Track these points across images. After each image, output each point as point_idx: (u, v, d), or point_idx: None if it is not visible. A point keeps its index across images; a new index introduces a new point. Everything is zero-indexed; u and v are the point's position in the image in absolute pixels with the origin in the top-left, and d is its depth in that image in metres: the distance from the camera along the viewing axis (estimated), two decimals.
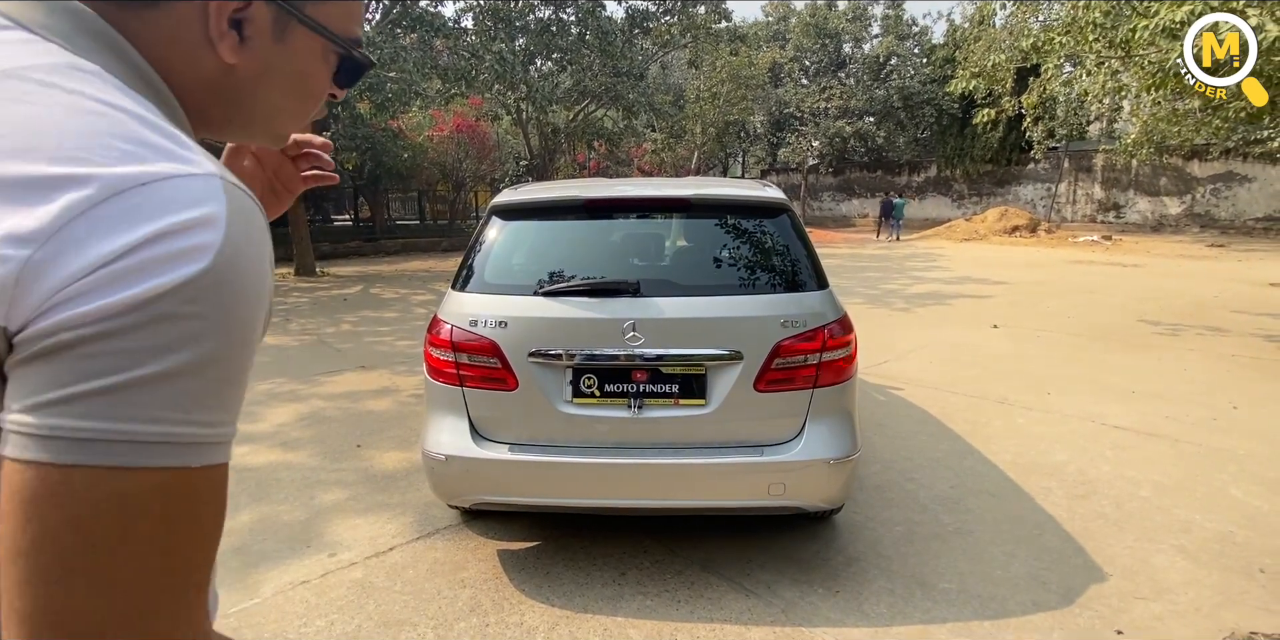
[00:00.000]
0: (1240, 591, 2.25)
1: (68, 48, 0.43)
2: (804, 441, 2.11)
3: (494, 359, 2.13)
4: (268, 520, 2.82)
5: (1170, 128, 7.51)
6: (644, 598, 2.23)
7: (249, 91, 0.53)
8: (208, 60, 0.49)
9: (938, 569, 2.39)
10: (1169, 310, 7.59)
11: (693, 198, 2.31)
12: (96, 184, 0.37)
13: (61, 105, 0.39)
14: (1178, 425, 3.86)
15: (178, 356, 0.37)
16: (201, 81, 0.50)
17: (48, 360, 0.35)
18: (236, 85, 0.52)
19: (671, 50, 17.56)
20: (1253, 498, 2.94)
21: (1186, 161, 18.79)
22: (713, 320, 2.11)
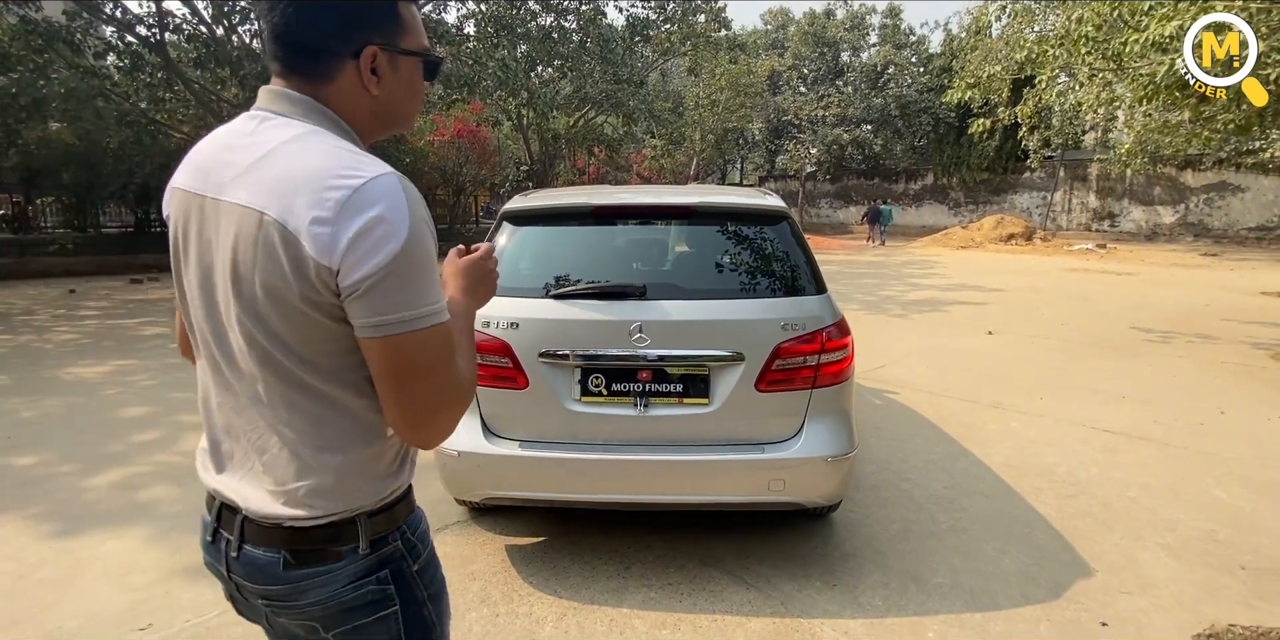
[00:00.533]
0: (1221, 587, 2.34)
1: (305, 120, 0.83)
2: (803, 440, 2.20)
3: (505, 359, 2.22)
4: None
5: (1162, 138, 7.64)
6: (648, 590, 2.31)
7: (388, 105, 0.89)
8: (364, 98, 0.87)
9: (931, 564, 2.47)
10: (1161, 318, 7.71)
11: (697, 205, 2.41)
12: (345, 189, 0.74)
13: (319, 151, 0.79)
14: (1166, 429, 3.96)
15: (409, 278, 0.76)
16: (364, 112, 0.88)
17: (365, 296, 0.75)
18: (382, 105, 0.88)
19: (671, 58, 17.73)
20: (1237, 499, 3.04)
21: (1180, 171, 19.00)
22: (716, 323, 2.20)
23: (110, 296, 10.30)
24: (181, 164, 0.91)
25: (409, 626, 0.93)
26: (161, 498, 3.08)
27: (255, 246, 0.76)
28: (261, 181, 0.77)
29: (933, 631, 2.09)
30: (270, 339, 0.80)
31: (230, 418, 0.88)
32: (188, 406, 4.46)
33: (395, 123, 0.93)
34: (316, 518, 0.85)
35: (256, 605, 0.92)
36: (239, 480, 0.88)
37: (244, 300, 0.79)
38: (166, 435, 3.92)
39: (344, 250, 0.73)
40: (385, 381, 0.79)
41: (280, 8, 0.80)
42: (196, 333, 0.91)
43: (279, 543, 0.86)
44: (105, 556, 2.56)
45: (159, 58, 10.57)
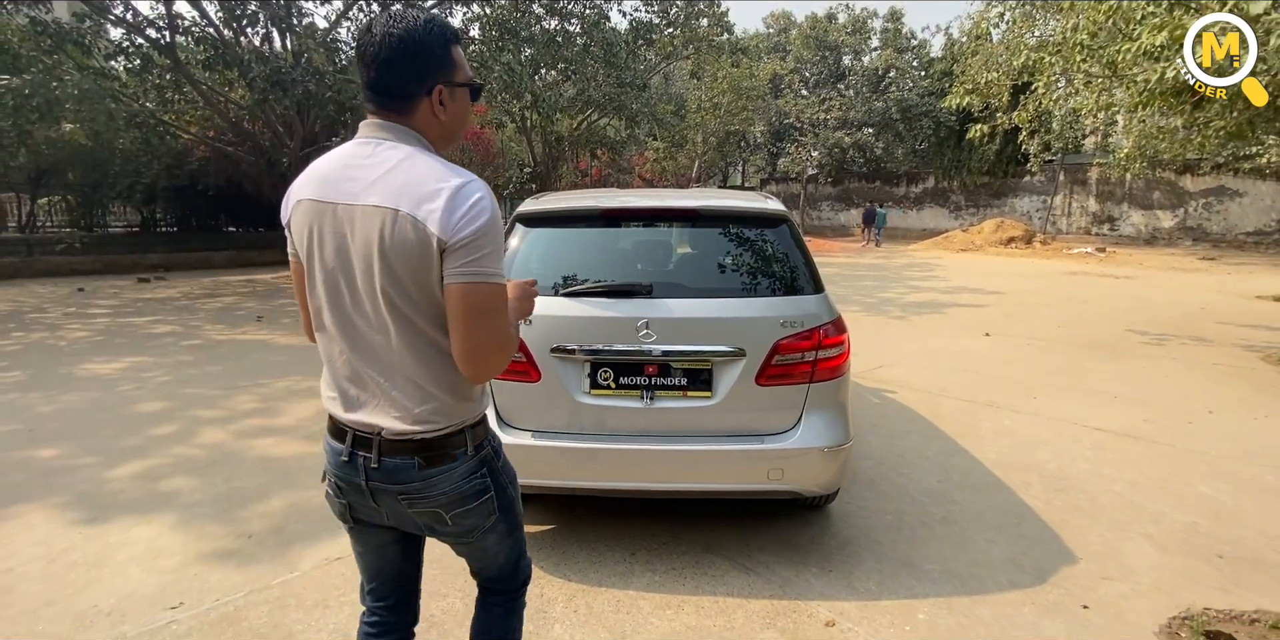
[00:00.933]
0: (1200, 574, 2.45)
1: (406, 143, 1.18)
2: (801, 431, 2.32)
3: (519, 353, 2.33)
4: (299, 505, 3.02)
5: (1158, 143, 7.76)
6: (652, 574, 2.43)
7: (451, 125, 1.25)
8: (435, 123, 1.22)
9: (923, 552, 2.59)
10: (1156, 321, 7.82)
11: (701, 208, 2.53)
12: (449, 188, 1.11)
13: (425, 164, 1.15)
14: (1155, 428, 4.07)
15: (489, 246, 1.11)
16: (435, 132, 1.23)
17: (459, 251, 1.09)
18: (447, 126, 1.24)
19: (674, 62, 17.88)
20: (1220, 494, 3.15)
21: (1179, 176, 19.11)
22: (718, 320, 2.31)
23: (119, 295, 10.42)
24: (302, 181, 1.24)
25: (501, 505, 1.35)
26: (183, 488, 3.20)
27: (392, 233, 1.11)
28: (389, 188, 1.13)
29: (923, 613, 2.20)
30: (403, 299, 1.14)
31: (359, 369, 1.23)
32: (203, 402, 4.58)
33: (455, 137, 1.30)
34: (438, 430, 1.23)
35: (387, 503, 1.28)
36: (370, 415, 1.23)
37: (386, 273, 1.13)
38: (184, 429, 4.04)
39: (453, 224, 1.09)
40: (456, 320, 1.13)
41: (374, 70, 1.16)
42: (326, 310, 1.23)
43: (412, 451, 1.23)
44: (133, 542, 2.68)
45: (168, 59, 10.73)
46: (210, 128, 14.06)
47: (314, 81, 9.59)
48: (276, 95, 9.86)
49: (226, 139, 13.76)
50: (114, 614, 2.21)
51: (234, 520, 2.87)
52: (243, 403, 4.59)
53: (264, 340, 6.86)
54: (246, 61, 9.57)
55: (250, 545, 2.65)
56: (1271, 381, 5.17)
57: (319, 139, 12.77)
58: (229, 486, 3.22)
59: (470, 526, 1.32)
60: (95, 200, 16.52)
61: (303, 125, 12.25)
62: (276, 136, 12.19)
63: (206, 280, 12.57)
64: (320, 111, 11.08)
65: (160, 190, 16.02)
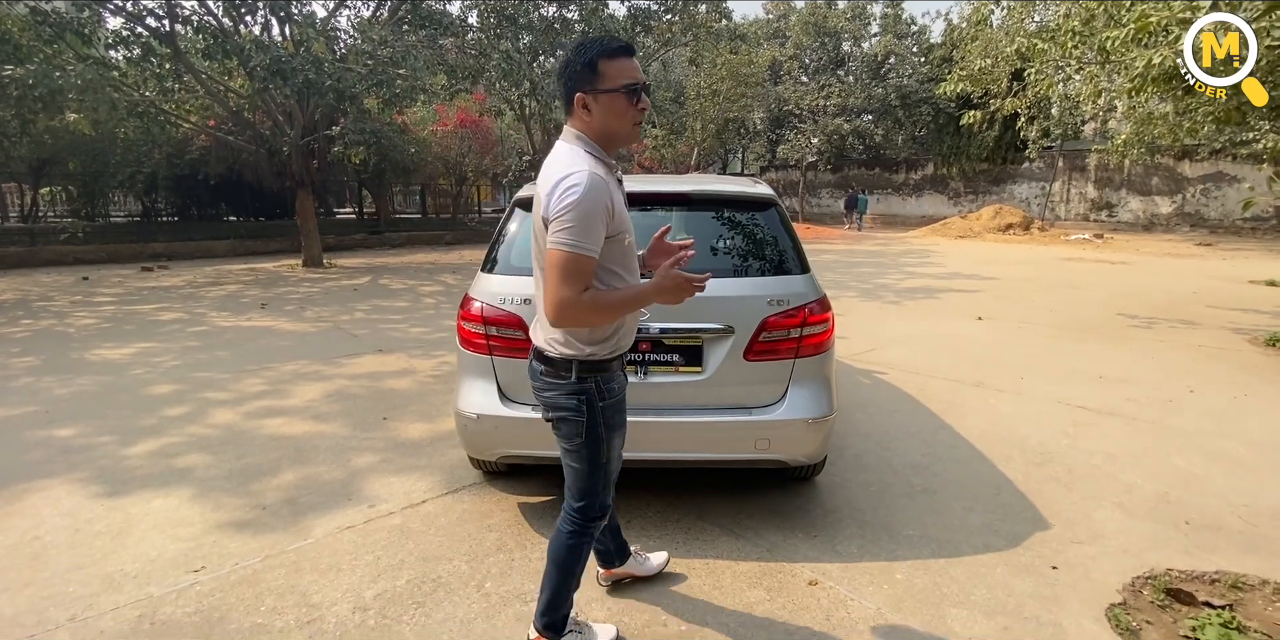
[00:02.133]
0: (1166, 538, 2.59)
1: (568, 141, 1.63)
2: (786, 404, 2.45)
3: (520, 331, 2.46)
4: (310, 479, 3.16)
5: (1154, 129, 7.82)
6: (647, 539, 2.57)
7: (601, 127, 1.60)
8: (586, 125, 1.61)
9: (904, 520, 2.73)
10: (1147, 305, 7.94)
11: (693, 193, 2.64)
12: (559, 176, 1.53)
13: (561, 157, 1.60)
14: (1136, 406, 4.21)
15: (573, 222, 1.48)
16: (592, 133, 1.61)
17: (552, 223, 1.51)
18: (596, 128, 1.60)
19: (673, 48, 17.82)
20: (1193, 466, 3.29)
21: (1177, 162, 19.11)
22: (709, 299, 2.42)
23: (123, 284, 10.54)
24: None
25: (588, 435, 1.75)
26: (198, 464, 3.34)
27: (537, 209, 1.58)
28: (542, 174, 1.61)
29: (900, 573, 2.34)
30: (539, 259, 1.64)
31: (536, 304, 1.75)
32: (213, 385, 4.71)
33: (615, 137, 1.64)
34: (555, 353, 1.71)
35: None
36: (533, 332, 1.80)
37: (537, 240, 1.63)
38: (195, 410, 4.18)
39: (551, 204, 1.51)
40: (545, 275, 1.55)
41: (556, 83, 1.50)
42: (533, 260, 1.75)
43: (540, 360, 1.76)
44: (154, 512, 2.82)
45: (168, 48, 10.74)
46: (210, 117, 14.08)
47: (314, 70, 9.62)
48: (277, 84, 9.90)
49: (227, 128, 13.79)
50: (140, 577, 2.35)
51: (248, 493, 3.01)
52: (251, 385, 4.72)
53: (269, 326, 6.98)
54: (246, 50, 9.59)
55: (265, 515, 2.80)
56: (1254, 362, 5.30)
57: (319, 128, 12.82)
58: (242, 463, 3.35)
59: (564, 434, 1.77)
60: (97, 190, 16.60)
61: (303, 114, 12.28)
62: (277, 125, 12.23)
63: (209, 269, 12.68)
64: (320, 100, 11.11)
65: (161, 180, 16.09)
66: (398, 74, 10.08)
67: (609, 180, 1.56)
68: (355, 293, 9.53)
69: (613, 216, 1.55)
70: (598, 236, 1.51)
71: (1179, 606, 2.17)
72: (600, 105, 1.56)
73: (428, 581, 2.30)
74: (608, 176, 1.56)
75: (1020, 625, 2.07)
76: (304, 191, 12.78)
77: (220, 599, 2.21)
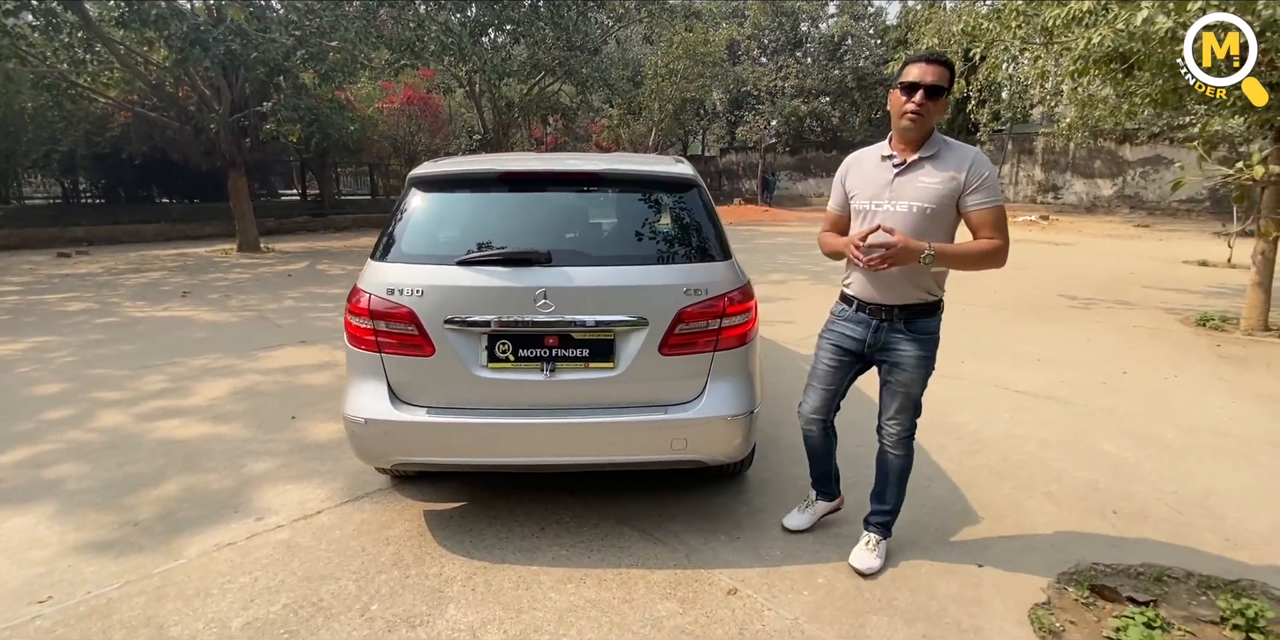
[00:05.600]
0: (1093, 530, 2.53)
1: None
2: (704, 400, 2.27)
3: (411, 326, 2.22)
4: (195, 489, 2.87)
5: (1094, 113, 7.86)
6: (559, 548, 2.39)
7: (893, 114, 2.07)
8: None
9: (833, 517, 2.61)
10: (1087, 285, 8.07)
11: (604, 172, 2.41)
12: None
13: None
14: (1071, 389, 4.20)
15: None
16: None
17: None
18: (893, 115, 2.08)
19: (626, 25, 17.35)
20: (1122, 451, 3.26)
21: (1119, 145, 19.63)
22: (620, 289, 2.23)
23: (34, 271, 9.79)
24: None
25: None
26: (70, 475, 3.01)
27: None
28: None
29: (822, 577, 2.22)
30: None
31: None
32: (107, 384, 4.33)
33: (896, 123, 2.05)
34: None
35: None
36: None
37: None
38: (81, 412, 3.80)
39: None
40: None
41: None
42: None
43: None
44: (5, 534, 2.51)
45: (77, 16, 9.87)
46: (132, 92, 13.11)
47: (237, 41, 8.95)
48: (196, 55, 9.19)
49: (152, 104, 12.85)
50: None
51: (121, 507, 2.71)
52: (151, 383, 4.35)
53: (187, 316, 6.52)
54: (158, 18, 8.86)
55: (135, 533, 2.51)
56: (1185, 342, 5.39)
57: (250, 103, 12.04)
58: (121, 472, 3.04)
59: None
60: (9, 170, 15.39)
61: (231, 89, 11.51)
62: (203, 101, 11.44)
63: (133, 254, 11.90)
64: (249, 74, 10.41)
65: (80, 159, 14.99)
66: (330, 46, 9.47)
67: (861, 158, 2.18)
68: (289, 279, 9.03)
69: (843, 184, 2.21)
70: (835, 198, 2.24)
71: (1103, 604, 2.10)
72: (892, 96, 2.04)
73: (307, 605, 2.07)
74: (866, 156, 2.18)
75: (941, 632, 1.96)
76: (236, 172, 12.04)
77: (62, 635, 1.94)
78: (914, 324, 2.15)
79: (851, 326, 2.21)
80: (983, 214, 2.00)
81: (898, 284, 2.10)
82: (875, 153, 2.13)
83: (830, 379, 2.29)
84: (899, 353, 2.16)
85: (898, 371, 2.18)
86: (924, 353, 2.16)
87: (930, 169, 2.02)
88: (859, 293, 2.18)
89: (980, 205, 1.99)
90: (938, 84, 1.94)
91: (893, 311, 2.14)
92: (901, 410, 2.23)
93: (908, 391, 2.19)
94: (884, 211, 2.05)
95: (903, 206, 2.03)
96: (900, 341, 2.15)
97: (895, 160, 2.07)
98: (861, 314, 2.18)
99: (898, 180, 2.05)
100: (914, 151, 2.05)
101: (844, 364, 2.27)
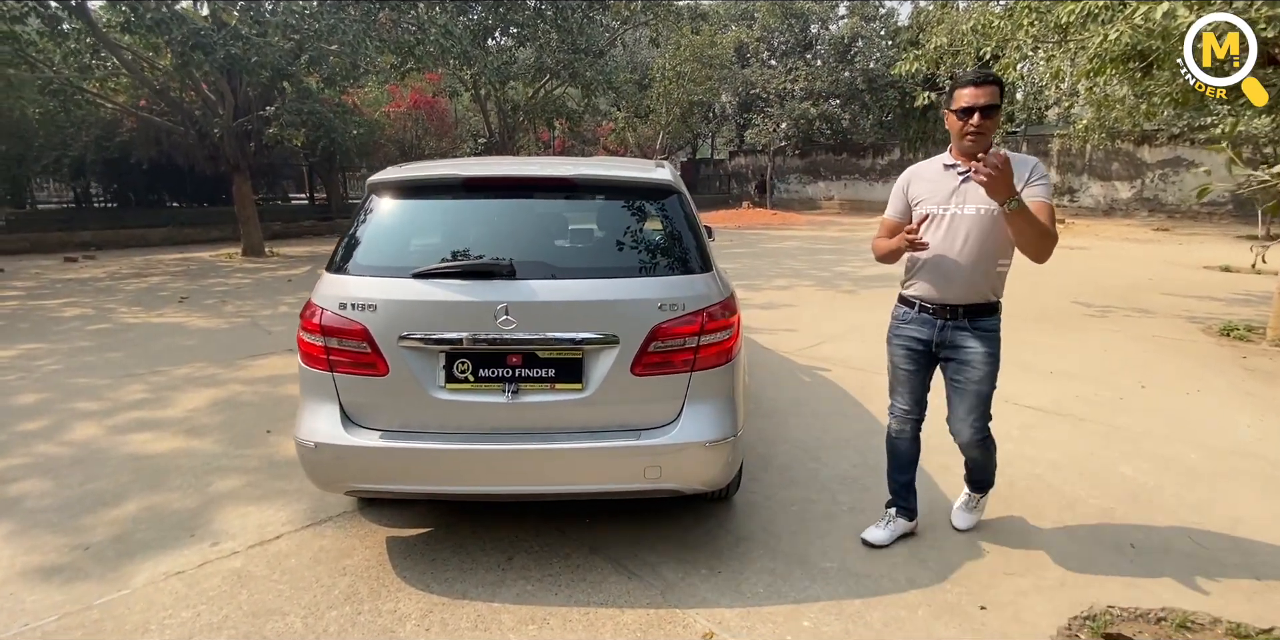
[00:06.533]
0: (1108, 566, 2.32)
1: None
2: (680, 425, 2.10)
3: (364, 343, 2.07)
4: (155, 509, 2.74)
5: (1110, 113, 7.60)
6: (525, 582, 2.22)
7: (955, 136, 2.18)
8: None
9: (823, 548, 2.42)
10: (1103, 292, 7.79)
11: (576, 178, 2.25)
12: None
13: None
14: (1085, 404, 3.97)
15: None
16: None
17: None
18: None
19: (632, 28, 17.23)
20: (1141, 474, 3.04)
21: (1137, 147, 19.19)
22: (589, 304, 2.06)
23: (40, 276, 9.81)
24: None
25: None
26: (31, 492, 2.89)
27: None
28: None
29: (808, 620, 2.03)
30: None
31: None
32: (87, 393, 4.23)
33: (957, 142, 2.15)
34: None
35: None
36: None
37: None
38: (55, 424, 3.70)
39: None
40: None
41: None
42: None
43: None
44: None
45: (83, 22, 9.90)
46: (140, 97, 13.16)
47: (237, 45, 8.92)
48: (198, 59, 9.17)
49: (159, 109, 12.89)
50: None
51: (76, 529, 2.58)
52: (131, 393, 4.24)
53: (179, 323, 6.44)
54: (158, 22, 8.84)
55: (84, 558, 2.38)
56: (1207, 353, 5.13)
57: (253, 108, 12.03)
58: (84, 489, 2.92)
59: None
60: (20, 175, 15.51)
61: (234, 94, 11.51)
62: (207, 105, 11.44)
63: (138, 258, 11.93)
64: (252, 78, 10.38)
65: (90, 164, 15.06)
66: (329, 50, 9.41)
67: (922, 169, 2.27)
68: (289, 284, 8.97)
69: (905, 193, 2.28)
70: (895, 206, 2.30)
71: None
72: (949, 118, 2.13)
73: None
74: (928, 167, 2.26)
75: None
76: (240, 176, 12.04)
77: None
78: (978, 322, 2.21)
79: (917, 328, 2.29)
80: (1038, 204, 2.04)
81: (966, 283, 2.17)
82: (937, 163, 2.23)
83: (913, 382, 2.38)
84: (967, 350, 2.21)
85: (967, 369, 2.22)
86: (991, 349, 2.22)
87: None
88: (922, 294, 2.26)
89: (1035, 197, 2.05)
90: (991, 103, 2.04)
91: (957, 311, 2.21)
92: (973, 410, 2.26)
93: (978, 390, 2.23)
94: (952, 214, 2.14)
95: (970, 210, 2.12)
96: (967, 339, 2.21)
97: (959, 169, 2.15)
98: (925, 315, 2.27)
99: (964, 186, 2.13)
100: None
101: (921, 366, 2.35)
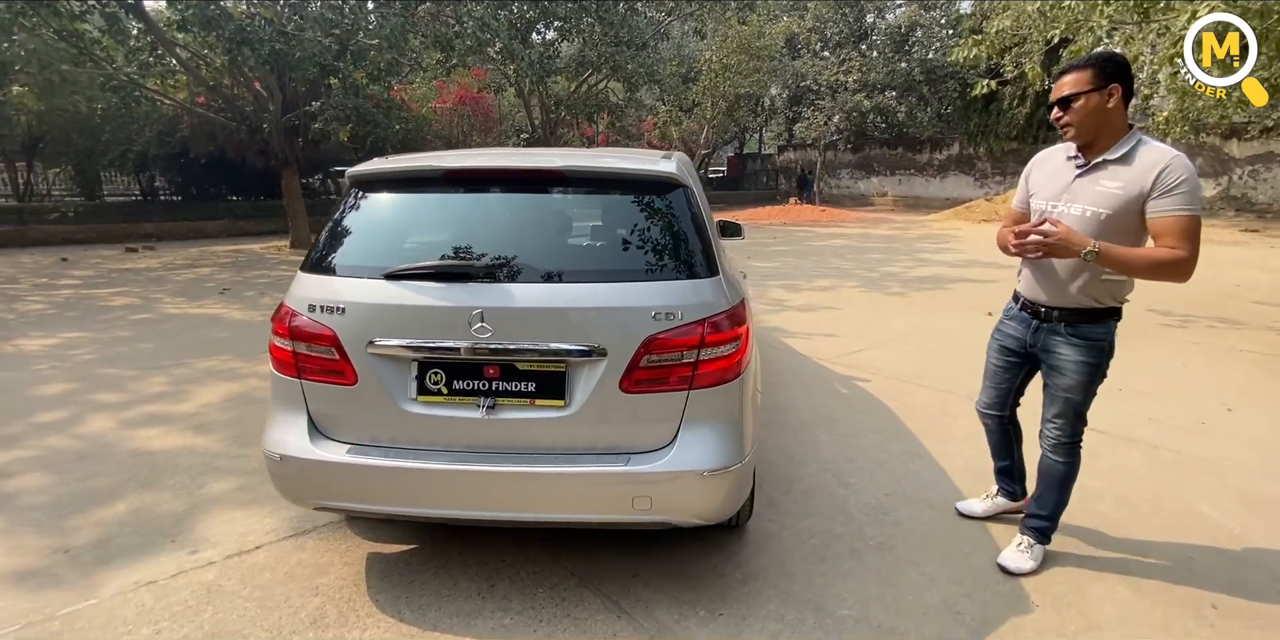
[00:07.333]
0: (1182, 632, 1.96)
1: None
2: (675, 450, 1.85)
3: (331, 349, 1.89)
4: (144, 511, 2.66)
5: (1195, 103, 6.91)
6: (504, 615, 2.02)
7: None
8: None
9: (841, 592, 2.13)
10: (1182, 299, 7.11)
11: (566, 170, 2.01)
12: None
13: None
14: (1159, 429, 3.52)
15: None
16: None
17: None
18: None
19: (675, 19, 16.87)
20: (1226, 517, 2.63)
21: (1224, 141, 17.72)
22: (573, 311, 1.83)
23: (99, 266, 10.23)
24: None
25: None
26: (29, 487, 2.87)
27: None
28: None
29: None
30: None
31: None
32: (111, 385, 4.26)
33: None
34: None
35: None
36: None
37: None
38: (72, 415, 3.71)
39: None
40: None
41: None
42: None
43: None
44: None
45: (139, 20, 10.25)
46: (199, 93, 13.62)
47: (280, 40, 9.04)
48: (245, 54, 9.36)
49: (216, 105, 13.32)
50: None
51: (61, 530, 2.52)
52: (152, 385, 4.26)
53: (217, 315, 6.54)
54: (210, 19, 9.05)
55: (61, 563, 2.30)
56: None
57: (301, 103, 12.27)
58: (81, 486, 2.87)
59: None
60: (90, 168, 16.33)
61: (283, 90, 11.75)
62: (257, 100, 11.72)
63: (194, 250, 12.35)
64: (299, 74, 10.55)
65: (153, 158, 15.73)
66: (369, 44, 9.45)
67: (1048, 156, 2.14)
68: None
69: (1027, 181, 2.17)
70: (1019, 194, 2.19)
71: None
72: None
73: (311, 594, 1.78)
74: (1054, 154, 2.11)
75: None
76: (289, 170, 12.33)
77: None
78: (1076, 328, 2.07)
79: (1014, 325, 2.24)
80: (1164, 221, 1.84)
81: (1061, 285, 2.04)
82: (1063, 151, 2.08)
83: (999, 378, 2.34)
84: (1058, 356, 2.10)
85: (1056, 375, 2.12)
86: (1086, 359, 2.06)
87: (1114, 171, 1.93)
88: (1024, 289, 2.18)
89: (1161, 212, 1.84)
90: (1073, 92, 1.91)
91: (1053, 313, 2.09)
92: (1060, 415, 2.17)
93: (1067, 397, 2.13)
94: (1058, 213, 2.00)
95: (1076, 210, 1.97)
96: (1059, 345, 2.09)
97: (1079, 161, 2.01)
98: (1024, 312, 2.19)
99: (1078, 182, 1.99)
100: (1098, 153, 1.96)
101: (1011, 364, 2.29)
